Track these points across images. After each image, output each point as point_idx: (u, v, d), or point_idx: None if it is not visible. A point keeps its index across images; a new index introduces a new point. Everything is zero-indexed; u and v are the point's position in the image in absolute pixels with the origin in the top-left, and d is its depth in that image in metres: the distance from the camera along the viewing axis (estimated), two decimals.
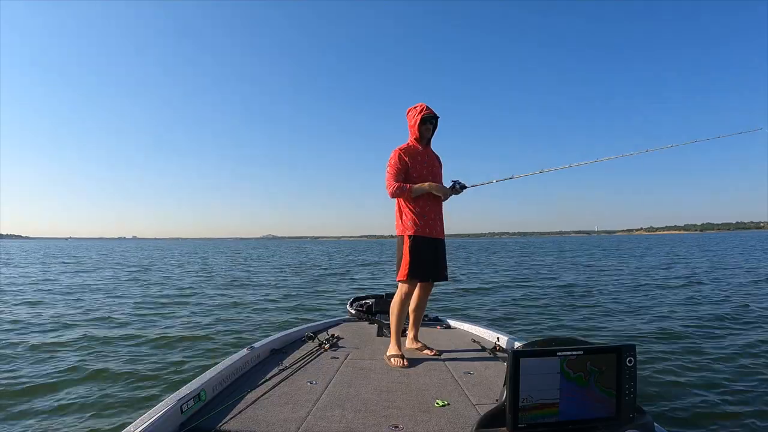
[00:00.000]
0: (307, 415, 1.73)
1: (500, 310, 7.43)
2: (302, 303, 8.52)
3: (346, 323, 3.57)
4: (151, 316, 7.03)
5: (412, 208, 2.60)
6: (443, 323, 3.56)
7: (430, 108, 2.64)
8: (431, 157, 2.71)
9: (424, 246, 2.58)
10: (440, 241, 2.69)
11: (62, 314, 7.15)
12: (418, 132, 2.61)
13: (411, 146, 2.66)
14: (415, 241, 2.57)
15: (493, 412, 1.33)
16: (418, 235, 2.58)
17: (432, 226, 2.62)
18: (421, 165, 2.63)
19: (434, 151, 2.78)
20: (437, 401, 1.89)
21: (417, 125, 2.60)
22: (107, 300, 8.92)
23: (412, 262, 2.55)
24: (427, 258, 2.59)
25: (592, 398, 1.29)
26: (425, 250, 2.58)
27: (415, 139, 2.66)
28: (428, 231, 2.60)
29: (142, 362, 4.41)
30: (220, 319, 6.73)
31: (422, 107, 2.62)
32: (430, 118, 2.63)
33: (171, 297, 9.39)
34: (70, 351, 4.84)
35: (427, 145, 2.71)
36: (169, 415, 1.60)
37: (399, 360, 2.46)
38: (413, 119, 2.62)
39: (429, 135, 2.68)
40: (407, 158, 2.60)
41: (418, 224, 2.59)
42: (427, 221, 2.61)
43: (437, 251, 2.65)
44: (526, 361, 1.24)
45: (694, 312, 6.83)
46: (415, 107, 2.64)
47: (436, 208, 2.67)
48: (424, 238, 2.59)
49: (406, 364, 2.43)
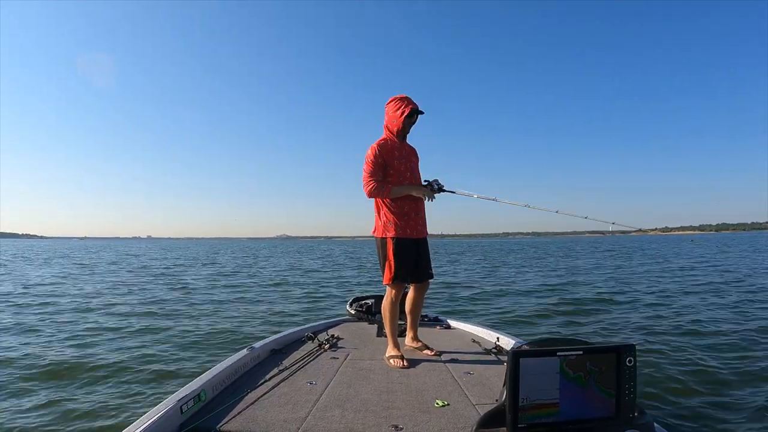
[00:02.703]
0: (307, 416, 1.73)
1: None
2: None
3: (345, 323, 3.57)
4: (151, 316, 7.04)
5: (392, 207, 2.53)
6: (443, 323, 3.56)
7: (414, 101, 2.56)
8: (408, 152, 2.63)
9: (407, 248, 2.54)
10: (423, 241, 2.64)
11: (62, 314, 7.17)
12: (401, 124, 2.53)
13: (388, 140, 2.57)
14: (398, 244, 2.51)
15: (493, 412, 1.33)
16: (400, 237, 2.52)
17: (413, 225, 2.56)
18: (399, 161, 2.54)
19: (411, 146, 2.69)
20: (437, 401, 1.88)
21: (403, 118, 2.51)
22: (108, 300, 8.92)
23: (396, 266, 2.51)
24: (411, 259, 2.55)
25: (591, 398, 1.28)
26: (409, 252, 2.54)
27: (395, 133, 2.56)
28: (409, 231, 2.55)
29: (142, 362, 4.40)
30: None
31: (408, 99, 2.53)
32: (416, 111, 2.54)
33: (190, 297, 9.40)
34: (70, 351, 4.84)
35: (403, 139, 2.63)
36: (169, 416, 1.60)
37: (398, 360, 2.45)
38: (400, 110, 2.51)
39: (408, 129, 2.61)
40: (384, 154, 2.52)
41: (399, 225, 2.52)
42: (408, 221, 2.54)
43: (420, 251, 2.61)
44: (526, 361, 1.24)
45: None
46: (401, 99, 2.53)
47: (417, 206, 2.60)
48: (407, 240, 2.54)
49: (406, 364, 2.42)
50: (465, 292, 9.83)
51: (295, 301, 8.85)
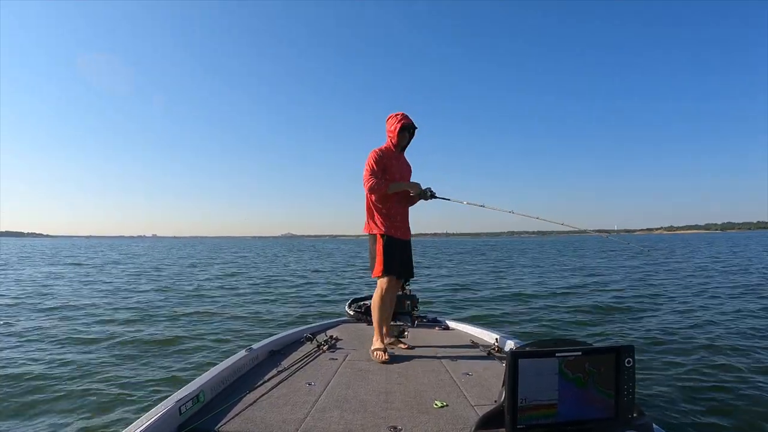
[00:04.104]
0: (305, 417, 1.73)
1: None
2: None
3: (344, 324, 3.56)
4: (151, 316, 7.03)
5: (382, 209, 2.79)
6: (442, 324, 3.56)
7: (410, 117, 2.85)
8: (403, 164, 2.93)
9: (396, 246, 2.78)
10: (407, 242, 2.89)
11: (61, 313, 7.16)
12: (396, 138, 2.82)
13: (388, 149, 2.85)
14: (388, 240, 2.76)
15: (491, 413, 1.33)
16: (389, 235, 2.77)
17: (399, 227, 2.82)
18: (396, 168, 2.83)
19: (407, 159, 2.99)
20: (436, 402, 1.88)
21: (397, 132, 2.80)
22: (108, 299, 8.91)
23: (386, 259, 2.73)
24: (398, 258, 2.78)
25: (590, 399, 1.29)
26: (397, 250, 2.78)
27: (393, 145, 2.85)
28: (393, 231, 2.79)
29: (141, 363, 4.40)
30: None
31: (402, 116, 2.83)
32: (409, 126, 2.84)
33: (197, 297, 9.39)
34: (69, 350, 4.83)
35: (401, 152, 2.93)
36: (167, 417, 1.59)
37: (381, 354, 2.57)
38: (393, 126, 2.82)
39: (405, 143, 2.91)
40: (385, 158, 2.79)
41: (387, 225, 2.78)
42: (394, 223, 2.80)
43: (404, 252, 2.85)
44: (525, 362, 1.24)
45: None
46: (396, 115, 2.84)
47: (403, 210, 2.88)
48: (396, 239, 2.79)
49: (387, 358, 2.54)
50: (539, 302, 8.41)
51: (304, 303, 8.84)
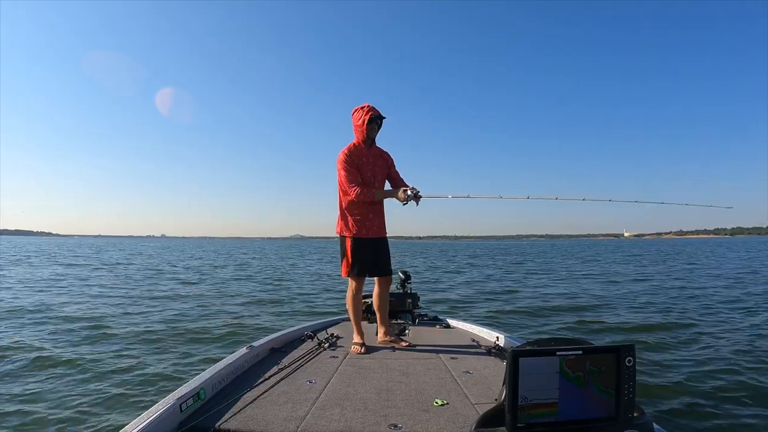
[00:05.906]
0: (306, 414, 1.73)
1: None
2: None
3: (345, 322, 3.57)
4: (151, 317, 7.04)
5: (354, 210, 2.81)
6: (442, 323, 3.56)
7: (376, 108, 2.80)
8: (375, 157, 2.88)
9: (363, 246, 2.82)
10: (379, 240, 2.90)
11: (60, 313, 7.17)
12: (365, 132, 2.77)
13: (357, 147, 2.82)
14: (354, 242, 2.81)
15: (492, 412, 1.33)
16: (357, 236, 2.81)
17: (370, 227, 2.84)
18: (365, 167, 2.81)
19: (380, 148, 2.94)
20: (436, 400, 1.89)
21: (365, 124, 2.75)
22: (108, 299, 8.92)
23: (352, 261, 2.81)
24: (366, 257, 2.82)
25: (591, 398, 1.28)
26: (364, 251, 2.82)
27: (361, 140, 2.81)
28: (365, 232, 2.83)
29: (142, 360, 4.41)
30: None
31: (368, 107, 2.78)
32: (377, 118, 2.79)
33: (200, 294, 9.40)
34: (69, 350, 4.84)
35: (372, 144, 2.88)
36: (168, 414, 1.60)
37: (357, 348, 2.71)
38: (360, 119, 2.76)
39: (374, 135, 2.85)
40: (354, 159, 2.78)
41: (357, 227, 2.81)
42: (364, 222, 2.82)
43: (377, 249, 2.87)
44: (526, 361, 1.24)
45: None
46: (362, 108, 2.78)
47: (375, 209, 2.87)
48: (363, 239, 2.82)
49: (363, 351, 2.67)
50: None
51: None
